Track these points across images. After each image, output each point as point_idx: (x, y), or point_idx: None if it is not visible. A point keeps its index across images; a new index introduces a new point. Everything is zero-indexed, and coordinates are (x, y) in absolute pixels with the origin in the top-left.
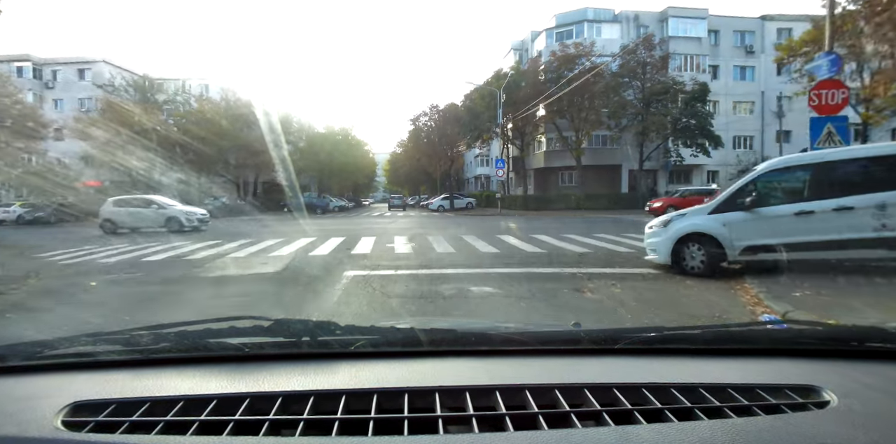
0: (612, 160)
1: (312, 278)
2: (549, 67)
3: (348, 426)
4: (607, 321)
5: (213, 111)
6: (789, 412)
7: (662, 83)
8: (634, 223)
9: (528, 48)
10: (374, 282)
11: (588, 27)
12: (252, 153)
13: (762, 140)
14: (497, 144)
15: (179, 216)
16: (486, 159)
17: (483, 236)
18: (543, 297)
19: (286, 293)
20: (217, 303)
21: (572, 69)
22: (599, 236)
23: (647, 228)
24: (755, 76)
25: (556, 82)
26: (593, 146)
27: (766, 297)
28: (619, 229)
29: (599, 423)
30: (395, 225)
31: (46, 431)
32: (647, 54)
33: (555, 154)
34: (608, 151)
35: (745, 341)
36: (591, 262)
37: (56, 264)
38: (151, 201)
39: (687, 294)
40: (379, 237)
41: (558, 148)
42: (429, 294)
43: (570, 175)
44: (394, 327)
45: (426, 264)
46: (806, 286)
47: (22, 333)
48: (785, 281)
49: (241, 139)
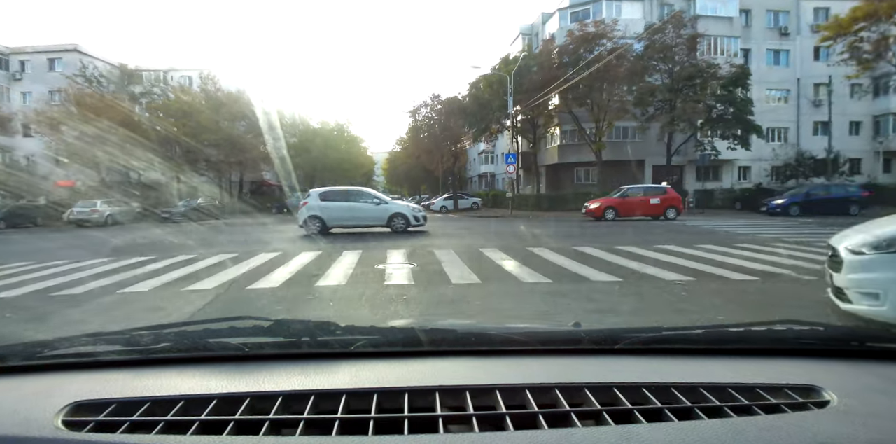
0: (633, 154)
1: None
2: (566, 49)
3: (348, 426)
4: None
5: (191, 103)
6: (789, 411)
7: (694, 66)
8: (680, 230)
9: (538, 32)
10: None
11: (607, 5)
12: (236, 150)
13: (798, 132)
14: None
15: (406, 213)
16: (491, 156)
17: (509, 249)
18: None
19: None
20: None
21: (592, 51)
22: (668, 248)
23: (848, 250)
24: (790, 61)
25: (574, 66)
26: (613, 139)
27: None
28: (684, 239)
29: (599, 422)
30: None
31: (47, 431)
32: (675, 34)
33: (570, 149)
34: (629, 145)
35: (745, 341)
36: (734, 310)
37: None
38: (367, 193)
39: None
40: (367, 252)
41: (574, 142)
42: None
43: (586, 172)
44: (394, 327)
45: (440, 315)
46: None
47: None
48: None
49: (223, 134)
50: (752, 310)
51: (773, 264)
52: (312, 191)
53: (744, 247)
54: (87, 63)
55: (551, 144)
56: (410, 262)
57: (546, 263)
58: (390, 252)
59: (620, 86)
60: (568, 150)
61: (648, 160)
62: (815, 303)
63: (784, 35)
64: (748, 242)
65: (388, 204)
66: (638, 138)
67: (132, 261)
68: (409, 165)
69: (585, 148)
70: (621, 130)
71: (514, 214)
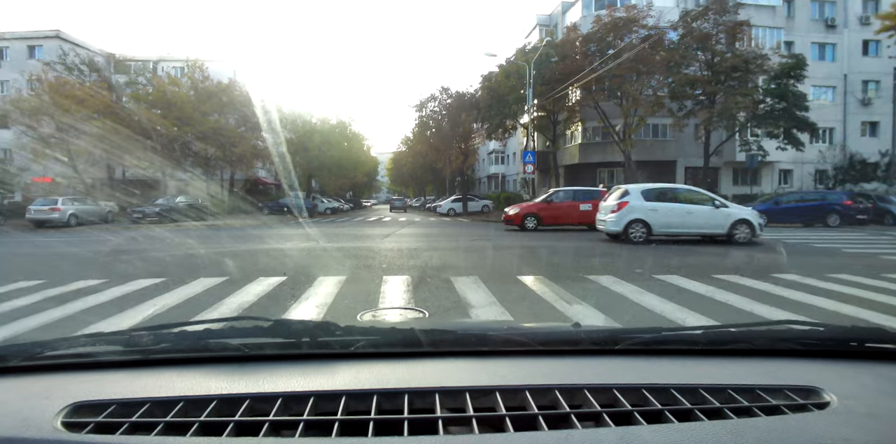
0: (663, 155)
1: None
2: (592, 37)
3: (348, 427)
4: None
5: (176, 93)
6: (789, 413)
7: (738, 56)
8: (762, 249)
9: (556, 23)
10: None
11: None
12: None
13: (844, 132)
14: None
15: (752, 220)
16: (502, 156)
17: (562, 278)
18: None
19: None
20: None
21: (622, 38)
22: (788, 278)
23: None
24: (836, 55)
25: (602, 55)
26: (641, 137)
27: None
28: (782, 264)
29: (599, 424)
30: (391, 243)
31: (46, 431)
32: (716, 21)
33: (593, 148)
34: (660, 144)
35: (744, 342)
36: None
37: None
38: (699, 193)
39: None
40: (351, 281)
41: (597, 140)
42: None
43: (610, 173)
44: (394, 328)
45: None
46: None
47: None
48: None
49: (209, 126)
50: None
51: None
52: (631, 188)
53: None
54: (68, 50)
55: (571, 143)
56: (415, 308)
57: (629, 304)
58: (387, 285)
59: (655, 77)
60: (591, 149)
61: (681, 161)
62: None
63: (830, 27)
64: (887, 268)
65: (728, 208)
66: (671, 137)
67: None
68: (414, 165)
69: (611, 147)
70: (651, 128)
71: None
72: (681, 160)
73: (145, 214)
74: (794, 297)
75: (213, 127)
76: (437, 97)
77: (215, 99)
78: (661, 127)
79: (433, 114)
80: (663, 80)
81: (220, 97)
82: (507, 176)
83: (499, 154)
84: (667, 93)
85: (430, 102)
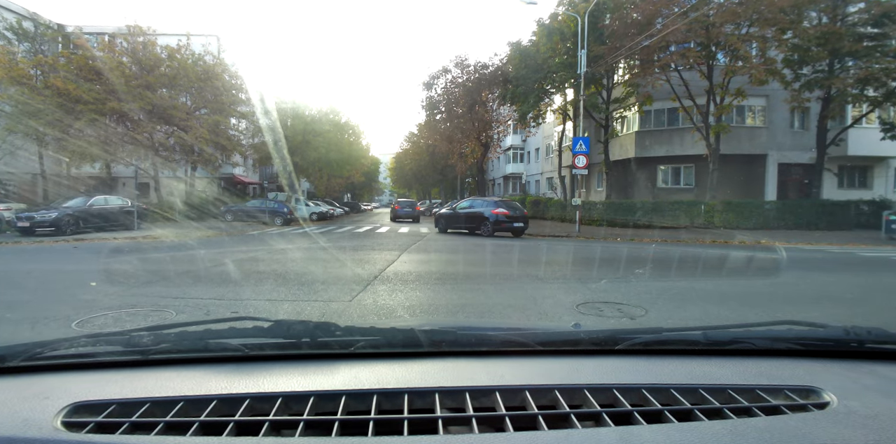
0: (751, 147)
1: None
2: None
3: (348, 427)
4: None
5: (106, 60)
6: (789, 413)
7: (880, 4)
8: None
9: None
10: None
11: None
12: (170, 127)
13: None
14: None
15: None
16: (521, 153)
17: None
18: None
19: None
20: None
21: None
22: None
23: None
24: None
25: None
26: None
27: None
28: None
29: (599, 424)
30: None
31: (46, 431)
32: None
33: (655, 136)
34: (744, 133)
35: (744, 342)
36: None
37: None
38: None
39: None
40: None
41: (662, 126)
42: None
43: (676, 170)
44: (394, 328)
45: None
46: None
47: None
48: None
49: (149, 103)
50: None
51: None
52: None
53: None
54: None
55: (627, 130)
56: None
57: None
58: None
59: (770, 27)
60: (652, 138)
61: (772, 156)
62: None
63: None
64: None
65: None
66: (760, 123)
67: None
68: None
69: (678, 136)
70: (733, 109)
71: (585, 233)
72: (772, 154)
73: (36, 221)
74: None
75: (158, 104)
76: (451, 71)
77: (165, 68)
78: (745, 109)
79: (446, 93)
80: (780, 33)
81: (170, 64)
82: (527, 176)
83: (517, 151)
84: (786, 52)
85: (441, 76)
